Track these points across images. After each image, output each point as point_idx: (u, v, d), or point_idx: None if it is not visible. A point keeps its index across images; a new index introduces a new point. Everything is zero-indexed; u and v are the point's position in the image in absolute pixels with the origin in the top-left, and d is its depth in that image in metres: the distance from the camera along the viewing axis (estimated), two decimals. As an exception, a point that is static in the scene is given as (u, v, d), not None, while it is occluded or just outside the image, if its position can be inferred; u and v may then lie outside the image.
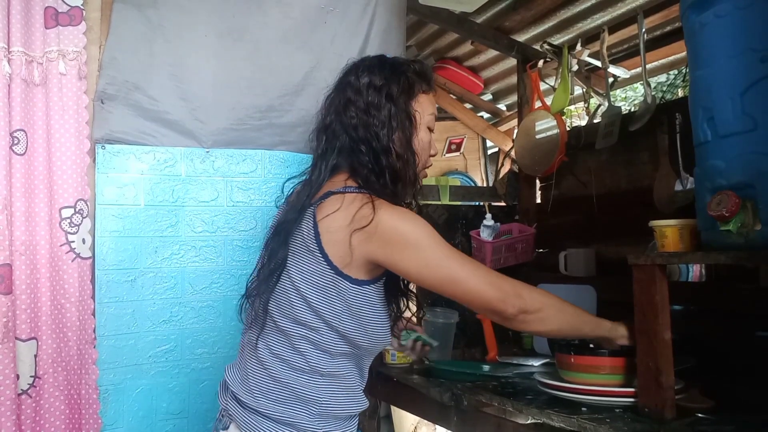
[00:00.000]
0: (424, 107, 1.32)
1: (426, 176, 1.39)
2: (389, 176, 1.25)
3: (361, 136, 1.26)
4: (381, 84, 1.28)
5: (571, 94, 2.35)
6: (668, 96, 4.58)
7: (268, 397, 1.23)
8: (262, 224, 1.98)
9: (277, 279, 1.25)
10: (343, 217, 1.18)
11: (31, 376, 1.64)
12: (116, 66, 1.79)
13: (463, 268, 1.20)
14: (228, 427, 1.27)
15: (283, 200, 1.40)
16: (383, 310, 1.26)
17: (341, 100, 1.31)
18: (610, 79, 2.31)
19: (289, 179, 1.39)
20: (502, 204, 2.66)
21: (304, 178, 1.36)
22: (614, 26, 2.35)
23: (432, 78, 1.37)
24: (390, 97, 1.27)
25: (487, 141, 4.26)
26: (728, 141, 1.20)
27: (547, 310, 1.26)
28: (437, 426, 2.02)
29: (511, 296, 1.22)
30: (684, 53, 1.75)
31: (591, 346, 1.44)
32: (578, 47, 2.31)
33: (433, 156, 1.38)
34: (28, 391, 1.63)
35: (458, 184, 3.44)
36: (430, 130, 1.35)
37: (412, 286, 1.42)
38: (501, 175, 2.76)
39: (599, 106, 2.41)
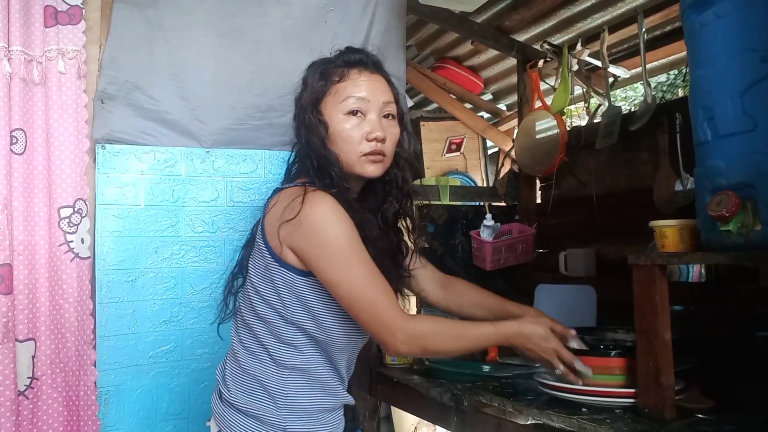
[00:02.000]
0: (338, 95, 1.29)
1: (379, 160, 1.29)
2: (318, 173, 1.27)
3: (300, 143, 1.35)
4: (297, 93, 1.36)
5: (571, 93, 2.35)
6: (668, 96, 4.58)
7: (239, 388, 1.28)
8: (262, 224, 1.98)
9: (244, 277, 1.34)
10: (278, 210, 1.23)
11: (28, 378, 1.63)
12: (116, 66, 1.79)
13: (368, 295, 1.17)
14: (210, 420, 1.36)
15: None
16: (335, 302, 1.23)
17: None
18: (610, 79, 2.31)
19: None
20: (502, 204, 2.66)
21: None
22: (614, 26, 2.34)
23: (354, 58, 1.33)
24: (300, 105, 1.34)
25: (487, 141, 4.25)
26: (728, 141, 1.20)
27: (426, 347, 1.23)
28: (437, 426, 2.02)
29: (399, 343, 1.18)
30: (684, 53, 1.75)
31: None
32: (578, 47, 2.30)
33: (373, 139, 1.27)
34: (25, 393, 1.63)
35: (458, 184, 3.44)
36: (353, 113, 1.28)
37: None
38: (501, 175, 2.75)
39: (599, 105, 2.41)
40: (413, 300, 1.97)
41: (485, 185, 4.13)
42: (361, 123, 1.28)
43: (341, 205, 1.21)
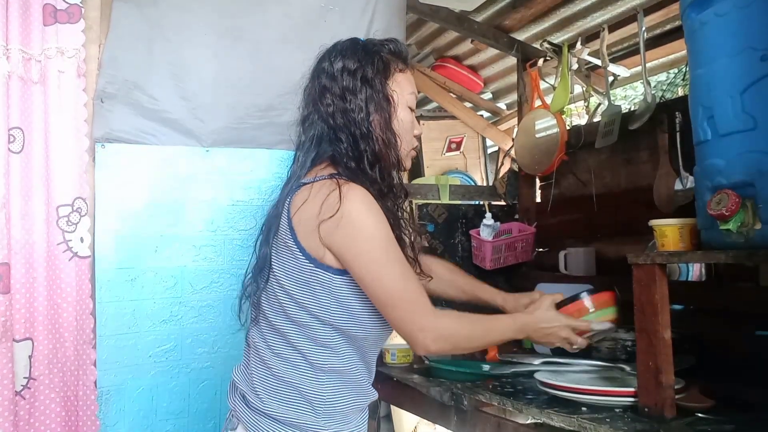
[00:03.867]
0: (402, 87, 1.28)
1: (414, 156, 1.34)
2: (369, 162, 1.22)
3: (339, 123, 1.24)
4: (355, 67, 1.24)
5: (571, 92, 2.35)
6: (668, 95, 4.57)
7: (273, 397, 1.21)
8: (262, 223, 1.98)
9: (267, 277, 1.25)
10: (312, 208, 1.16)
11: (24, 377, 1.63)
12: (116, 65, 1.79)
13: (404, 294, 1.16)
14: (236, 427, 1.26)
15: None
16: None
17: (316, 88, 1.28)
18: (610, 78, 2.31)
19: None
20: (502, 203, 2.66)
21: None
22: (614, 25, 2.34)
23: (407, 56, 1.33)
24: (365, 80, 1.24)
25: (487, 140, 4.25)
26: (728, 140, 1.20)
27: (456, 344, 1.24)
28: (437, 426, 2.02)
29: (429, 341, 1.18)
30: (684, 52, 1.75)
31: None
32: (578, 46, 2.30)
33: (417, 135, 1.33)
34: (22, 393, 1.62)
35: (458, 183, 3.43)
36: (411, 109, 1.30)
37: None
38: (501, 174, 2.75)
39: (599, 104, 2.41)
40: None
41: (485, 184, 4.12)
42: (413, 119, 1.31)
43: (383, 199, 1.21)
